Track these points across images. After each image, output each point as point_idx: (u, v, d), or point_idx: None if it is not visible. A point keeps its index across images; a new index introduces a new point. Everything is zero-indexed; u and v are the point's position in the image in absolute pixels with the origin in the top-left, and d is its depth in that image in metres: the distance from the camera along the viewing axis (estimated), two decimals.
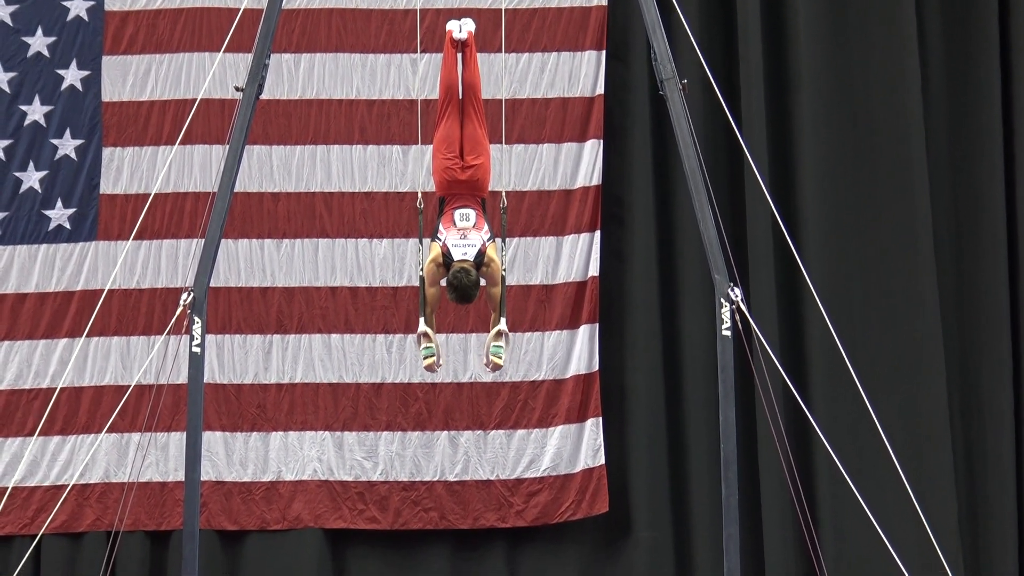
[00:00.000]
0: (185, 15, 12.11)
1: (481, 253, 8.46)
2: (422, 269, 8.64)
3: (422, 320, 8.57)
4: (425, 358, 8.57)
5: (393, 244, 11.94)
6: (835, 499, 11.38)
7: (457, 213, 8.54)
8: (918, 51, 12.02)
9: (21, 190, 11.98)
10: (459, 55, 8.71)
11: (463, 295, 8.41)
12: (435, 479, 11.78)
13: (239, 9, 9.94)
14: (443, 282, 8.54)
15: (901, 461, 9.39)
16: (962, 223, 12.13)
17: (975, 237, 12.09)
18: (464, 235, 8.48)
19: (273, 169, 12.03)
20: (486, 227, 8.55)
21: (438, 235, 8.54)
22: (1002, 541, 11.76)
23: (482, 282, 8.58)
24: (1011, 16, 12.15)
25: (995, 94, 12.09)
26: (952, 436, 11.73)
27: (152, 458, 11.68)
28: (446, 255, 8.46)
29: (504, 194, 9.10)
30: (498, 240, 8.67)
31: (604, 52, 12.09)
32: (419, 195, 8.89)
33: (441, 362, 8.70)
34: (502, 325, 8.57)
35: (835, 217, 11.95)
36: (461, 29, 8.69)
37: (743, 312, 8.58)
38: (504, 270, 8.62)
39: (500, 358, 8.58)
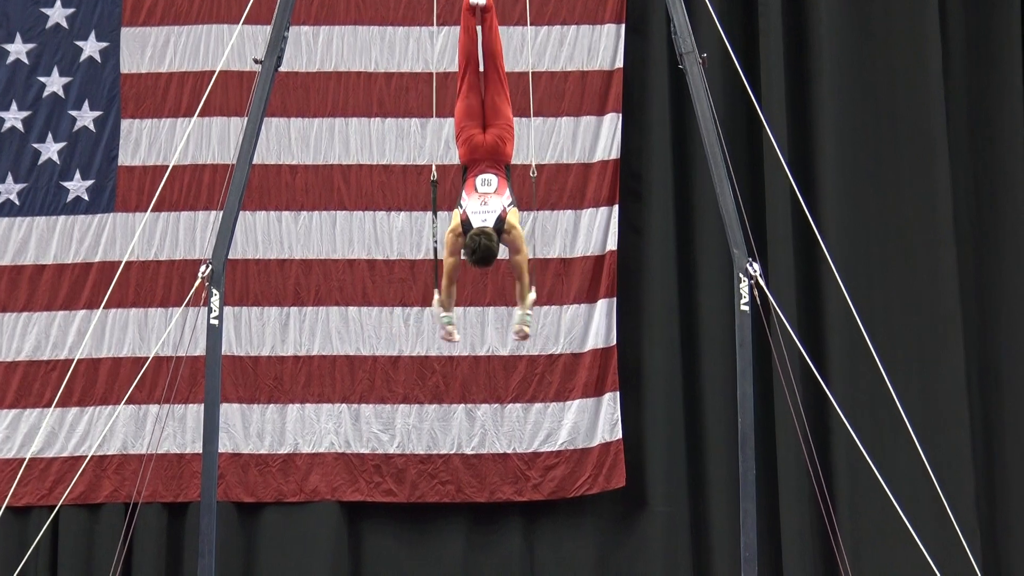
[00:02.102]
0: None
1: (501, 219, 8.38)
2: (435, 240, 8.61)
3: (436, 292, 8.54)
4: (446, 324, 8.52)
5: (411, 217, 11.94)
6: (852, 474, 11.37)
7: (479, 179, 8.48)
8: (939, 26, 11.97)
9: (40, 162, 11.99)
10: (479, 24, 8.67)
11: (482, 257, 8.32)
12: (452, 452, 11.79)
13: None
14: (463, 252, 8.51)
15: (919, 436, 9.40)
16: (982, 199, 12.10)
17: (995, 213, 12.06)
18: (484, 201, 8.40)
19: (291, 141, 12.03)
20: (508, 192, 8.47)
21: (460, 203, 8.49)
22: (1020, 516, 11.75)
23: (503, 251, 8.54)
24: None
25: (1016, 68, 12.05)
26: (970, 411, 11.71)
27: (169, 430, 11.70)
28: (465, 223, 8.40)
29: (534, 165, 9.02)
30: (521, 213, 8.65)
31: (623, 25, 12.06)
32: (433, 168, 8.87)
33: (457, 337, 8.66)
34: (534, 294, 8.54)
35: (854, 192, 11.92)
36: None
37: (761, 287, 8.57)
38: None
39: (529, 327, 8.54)
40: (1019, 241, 11.95)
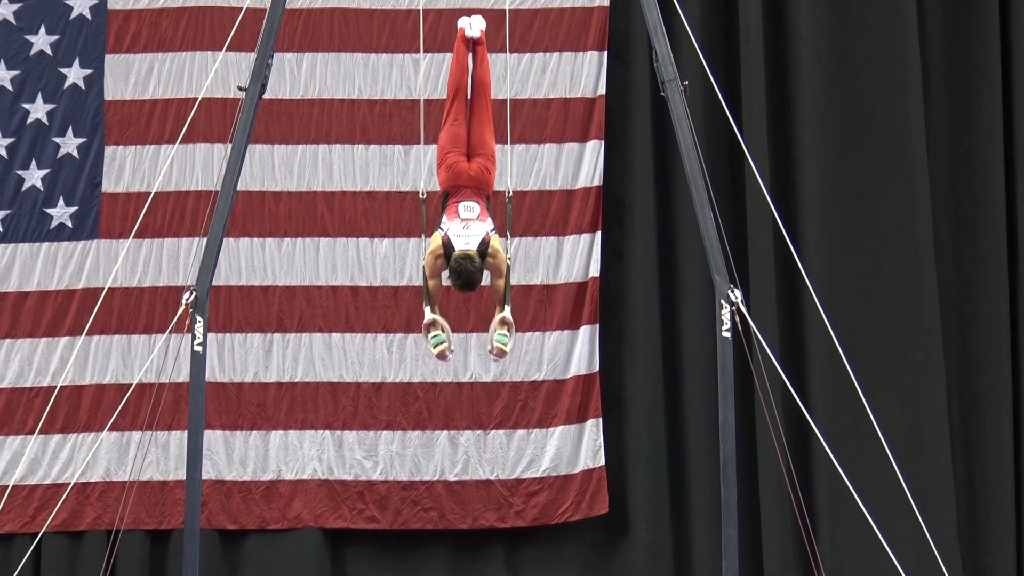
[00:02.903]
0: (188, 14, 12.12)
1: (484, 243, 8.38)
2: (425, 260, 8.61)
3: (427, 310, 8.50)
4: (436, 346, 8.44)
5: (394, 243, 11.96)
6: (833, 500, 11.38)
7: (461, 205, 8.46)
8: (919, 51, 12.03)
9: (23, 188, 11.99)
10: (470, 54, 8.72)
11: (466, 281, 8.31)
12: (435, 479, 11.78)
13: (241, 8, 9.97)
14: (444, 274, 8.49)
15: (900, 462, 9.41)
16: (962, 224, 12.13)
17: (975, 237, 12.09)
18: (467, 226, 8.39)
19: (275, 168, 12.04)
20: (490, 220, 8.48)
21: (441, 226, 8.47)
22: (1001, 542, 11.76)
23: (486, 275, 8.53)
24: (1011, 7, 12.14)
25: (995, 88, 12.08)
26: (951, 436, 11.74)
27: (153, 457, 11.68)
28: (447, 245, 8.34)
29: (509, 187, 9.02)
30: (503, 240, 8.65)
31: (606, 53, 12.09)
32: (422, 185, 8.86)
33: (453, 348, 8.56)
34: (506, 314, 8.44)
35: (835, 218, 11.96)
36: (472, 27, 8.70)
37: (743, 313, 8.59)
38: (509, 259, 8.55)
39: (505, 345, 8.46)
40: (999, 261, 11.98)
